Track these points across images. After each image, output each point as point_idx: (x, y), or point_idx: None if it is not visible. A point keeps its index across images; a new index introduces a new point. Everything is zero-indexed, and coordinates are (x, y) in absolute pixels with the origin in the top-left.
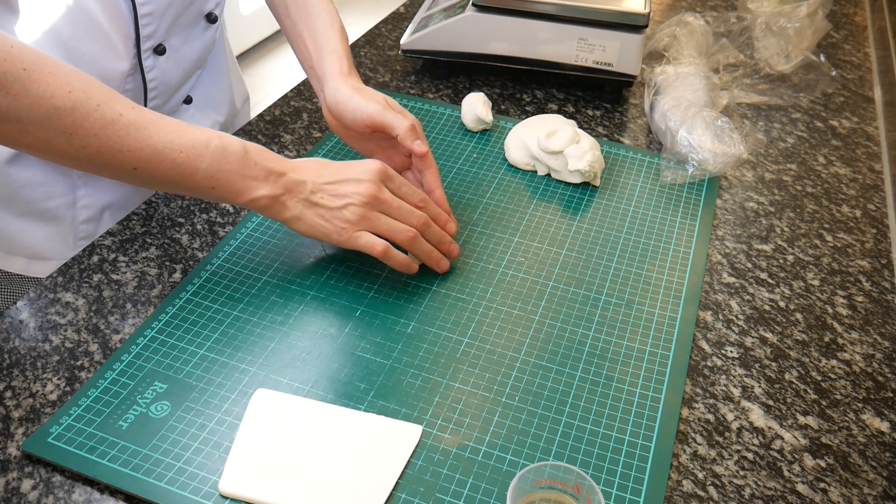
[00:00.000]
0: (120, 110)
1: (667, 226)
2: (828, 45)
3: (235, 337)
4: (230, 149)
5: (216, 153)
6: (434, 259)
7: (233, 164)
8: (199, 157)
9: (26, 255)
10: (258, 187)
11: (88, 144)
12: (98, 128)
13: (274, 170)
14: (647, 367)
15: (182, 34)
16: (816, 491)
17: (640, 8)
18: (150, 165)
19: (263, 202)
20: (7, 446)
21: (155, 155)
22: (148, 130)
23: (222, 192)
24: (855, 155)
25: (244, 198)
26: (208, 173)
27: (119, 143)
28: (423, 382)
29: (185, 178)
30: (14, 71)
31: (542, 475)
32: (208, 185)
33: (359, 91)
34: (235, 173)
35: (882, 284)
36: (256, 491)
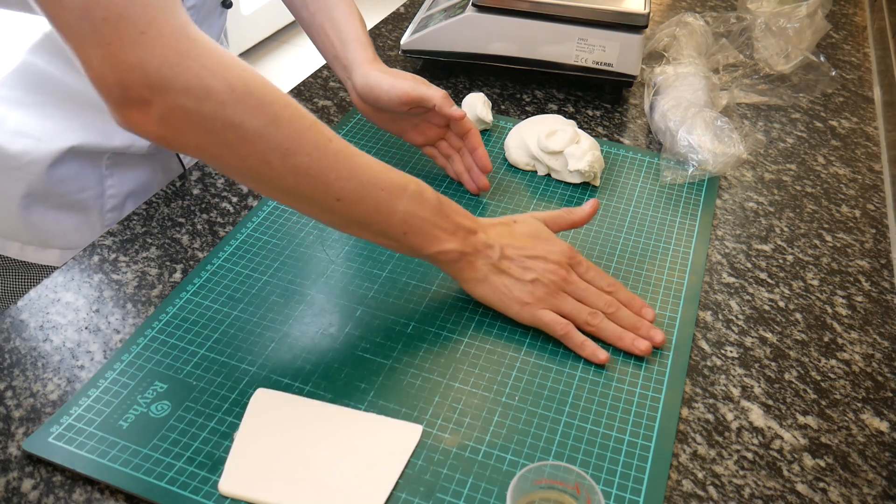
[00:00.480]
0: (329, 136)
1: (667, 226)
2: (827, 45)
3: (235, 337)
4: (426, 195)
5: (413, 197)
6: (625, 342)
7: (427, 212)
8: (398, 198)
9: (59, 246)
10: (448, 240)
11: (300, 165)
12: (311, 148)
13: (464, 225)
14: (647, 367)
15: (208, 20)
16: (816, 491)
17: (640, 8)
18: (354, 199)
19: (452, 256)
20: (7, 446)
21: (360, 188)
22: (354, 160)
23: (413, 238)
24: (854, 155)
25: (433, 248)
26: (404, 217)
27: (328, 168)
28: (423, 382)
29: (383, 219)
30: (237, 71)
31: (542, 475)
32: (402, 229)
33: (389, 73)
34: (428, 221)
35: (881, 284)
36: (256, 491)
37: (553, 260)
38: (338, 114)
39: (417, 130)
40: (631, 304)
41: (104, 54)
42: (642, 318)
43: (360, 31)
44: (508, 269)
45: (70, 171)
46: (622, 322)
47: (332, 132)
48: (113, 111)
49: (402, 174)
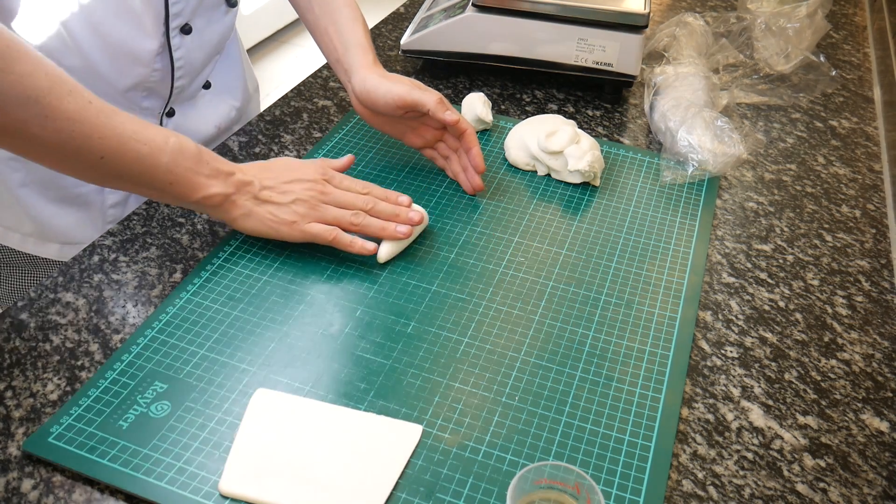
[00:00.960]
0: (89, 98)
1: (667, 226)
2: (827, 45)
3: (235, 337)
4: (186, 146)
5: (174, 149)
6: (389, 231)
7: (189, 162)
8: (161, 151)
9: (59, 240)
10: (211, 185)
11: (62, 129)
12: (72, 111)
13: (223, 170)
14: (647, 367)
15: (205, 16)
16: (816, 491)
17: (640, 8)
18: (117, 155)
19: (216, 200)
20: (7, 446)
21: (122, 144)
22: (115, 119)
23: (179, 188)
24: (854, 155)
25: (198, 194)
26: (168, 168)
27: (90, 128)
28: (423, 382)
29: (147, 171)
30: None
31: (542, 475)
32: (167, 179)
33: (386, 77)
34: (191, 170)
35: (882, 284)
36: (256, 491)
37: (308, 178)
38: (338, 114)
39: (416, 133)
40: (388, 197)
41: None
42: (399, 206)
43: (361, 36)
44: (270, 197)
45: None
46: (382, 215)
47: (91, 94)
48: None
49: (160, 128)
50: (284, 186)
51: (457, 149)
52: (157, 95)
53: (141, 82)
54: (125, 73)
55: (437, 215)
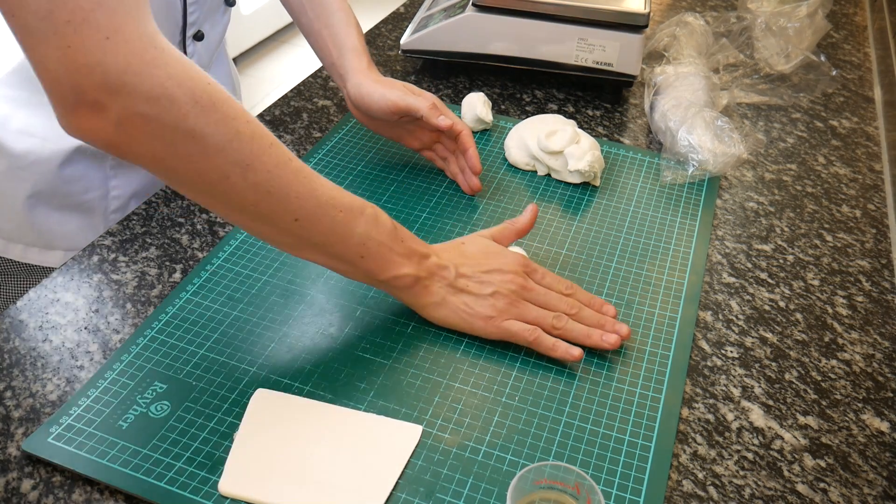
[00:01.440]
0: (289, 155)
1: (667, 226)
2: (828, 45)
3: (235, 337)
4: (381, 219)
5: (370, 220)
6: (594, 339)
7: (383, 236)
8: (356, 220)
9: (63, 247)
10: (403, 264)
11: (261, 182)
12: (272, 165)
13: (418, 250)
14: (647, 367)
15: (211, 19)
16: (816, 491)
17: (640, 8)
18: (312, 218)
19: (407, 281)
20: (7, 446)
21: (318, 208)
22: (313, 181)
23: (369, 263)
24: (855, 155)
25: (389, 273)
26: (361, 240)
27: (288, 187)
28: (423, 382)
29: (340, 240)
30: (202, 83)
31: (542, 475)
32: (358, 252)
33: (380, 82)
34: (385, 246)
35: (882, 284)
36: (256, 491)
37: (509, 270)
38: (338, 114)
39: (413, 136)
40: (592, 303)
41: (62, 56)
42: (605, 315)
43: (355, 40)
44: (466, 286)
45: (75, 172)
46: (586, 321)
47: (291, 153)
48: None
49: (358, 198)
50: (483, 276)
51: (454, 150)
52: None
53: None
54: None
55: (437, 215)
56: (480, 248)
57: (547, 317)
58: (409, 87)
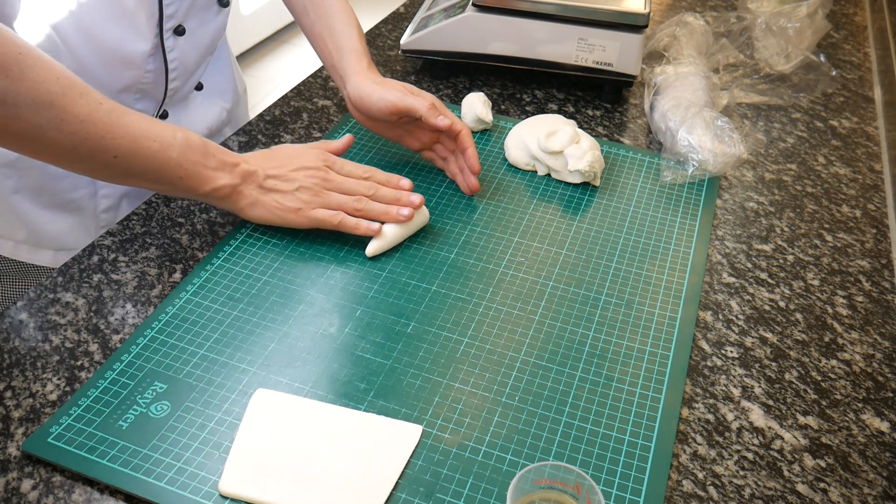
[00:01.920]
0: (99, 99)
1: (667, 226)
2: (828, 45)
3: (235, 337)
4: (192, 140)
5: (182, 144)
6: (391, 215)
7: (196, 156)
8: (170, 146)
9: (52, 247)
10: (218, 177)
11: (76, 131)
12: (84, 114)
13: (228, 161)
14: (647, 367)
15: (198, 17)
16: (816, 491)
17: (640, 8)
18: (129, 154)
19: (224, 191)
20: (7, 446)
21: (133, 143)
22: (125, 118)
23: (188, 181)
24: (855, 155)
25: (207, 187)
26: (178, 163)
27: (103, 129)
28: (423, 382)
29: (158, 168)
30: (11, 54)
31: (542, 475)
32: (177, 174)
33: (379, 84)
34: (199, 164)
35: (882, 284)
36: (256, 491)
37: (311, 165)
38: (338, 114)
39: (413, 136)
40: (388, 182)
41: None
42: (401, 189)
43: (356, 42)
44: (275, 186)
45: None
46: (384, 199)
47: (101, 95)
48: None
49: (168, 125)
50: (288, 174)
51: (453, 150)
52: (151, 97)
53: (133, 84)
54: (117, 76)
55: (437, 215)
56: (285, 150)
57: (348, 201)
58: (408, 87)
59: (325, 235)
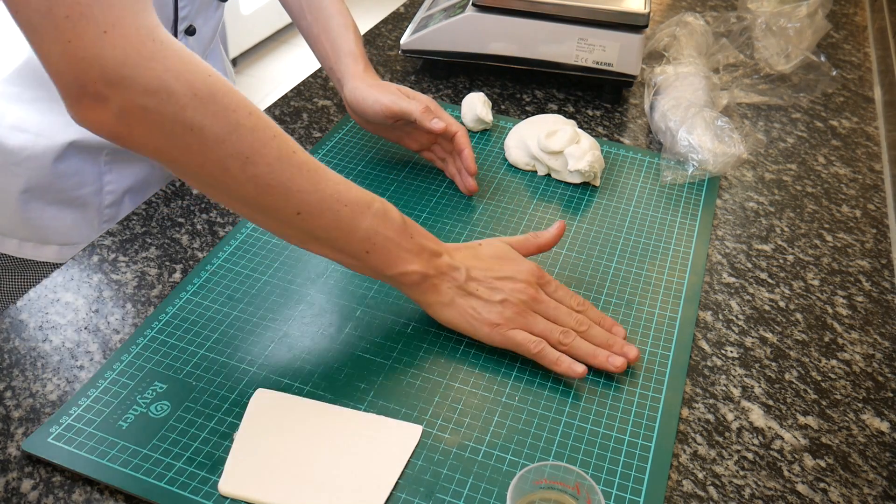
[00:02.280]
0: (293, 147)
1: (667, 226)
2: (828, 45)
3: (235, 337)
4: (390, 214)
5: (377, 215)
6: (600, 360)
7: (391, 232)
8: (362, 215)
9: (58, 242)
10: (412, 261)
11: (261, 174)
12: (274, 158)
13: (429, 247)
14: (646, 367)
15: (203, 15)
16: (816, 491)
17: (640, 8)
18: (315, 213)
19: (415, 278)
20: (7, 446)
21: (322, 202)
22: (318, 174)
23: (375, 258)
24: (855, 155)
25: (395, 269)
26: (367, 235)
27: (290, 180)
28: (423, 382)
29: (344, 235)
30: (201, 74)
31: (542, 475)
32: (364, 248)
33: (375, 87)
34: (392, 241)
35: (882, 284)
36: (256, 491)
37: (521, 279)
38: (338, 114)
39: (411, 138)
40: (602, 322)
41: (62, 51)
42: (614, 336)
43: (353, 44)
44: (476, 290)
45: (69, 167)
46: (594, 340)
47: (297, 145)
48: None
49: (367, 192)
50: (495, 283)
51: (451, 151)
52: None
53: None
54: None
55: (437, 215)
56: (496, 252)
57: (554, 331)
58: (403, 90)
59: None
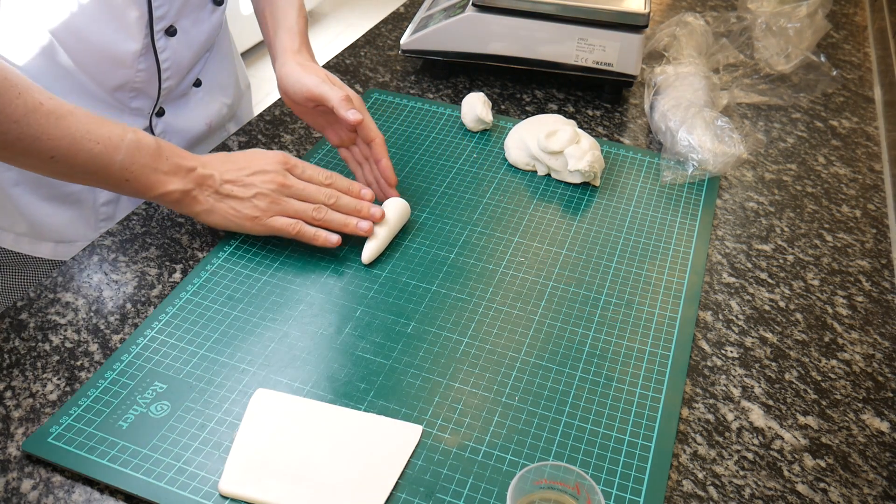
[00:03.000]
0: (40, 99)
1: (667, 226)
2: (828, 45)
3: (235, 337)
4: (144, 142)
5: (131, 146)
6: (350, 227)
7: (146, 158)
8: (115, 148)
9: (53, 239)
10: (169, 182)
11: (8, 131)
12: (19, 115)
13: (183, 165)
14: (647, 367)
15: (191, 16)
16: (816, 491)
17: (640, 8)
18: (68, 154)
19: (174, 196)
20: (7, 446)
21: (73, 144)
22: (66, 120)
23: (135, 185)
24: (855, 155)
25: (156, 192)
26: (123, 166)
27: (39, 130)
28: (423, 382)
29: (101, 170)
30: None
31: (542, 475)
32: (123, 177)
33: (302, 66)
34: (148, 167)
35: (882, 284)
36: (256, 491)
37: (270, 170)
38: None
39: (332, 129)
40: (350, 189)
41: None
42: (362, 200)
43: (293, 21)
44: (231, 191)
45: None
46: (344, 209)
47: (46, 94)
48: None
49: (120, 124)
50: (246, 179)
51: (368, 157)
52: (146, 96)
53: (126, 83)
54: (109, 75)
55: (437, 215)
56: (247, 153)
57: (307, 209)
58: (330, 76)
59: None
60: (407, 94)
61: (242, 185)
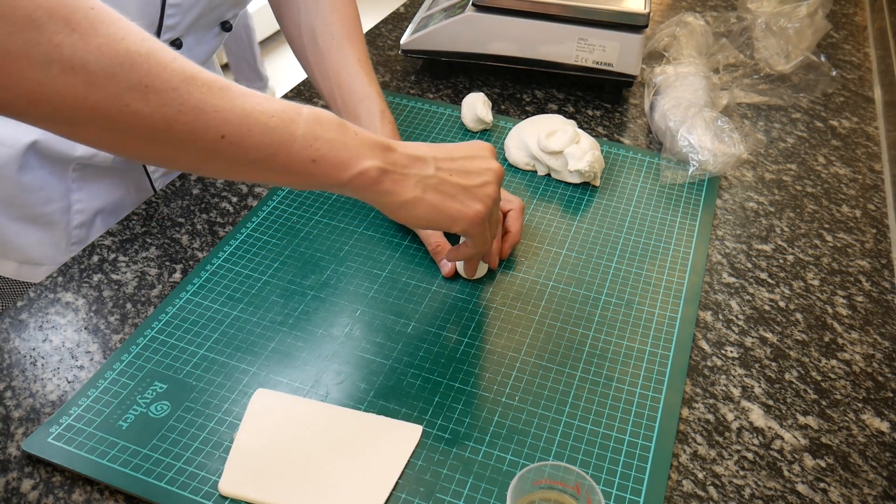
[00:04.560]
0: (197, 67)
1: (667, 226)
2: (828, 45)
3: (235, 337)
4: (323, 116)
5: (309, 119)
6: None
7: (332, 132)
8: (293, 122)
9: (17, 259)
10: (365, 155)
11: (168, 101)
12: (178, 80)
13: (379, 141)
14: (647, 367)
15: (197, 35)
16: (816, 491)
17: (640, 8)
18: (241, 131)
19: (373, 174)
20: (7, 446)
21: (245, 118)
22: (232, 91)
23: (324, 166)
24: (855, 155)
25: (351, 170)
26: (307, 142)
27: (202, 100)
28: (423, 382)
29: (282, 149)
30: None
31: (542, 475)
32: (307, 156)
33: None
34: (338, 141)
35: (882, 284)
36: (256, 491)
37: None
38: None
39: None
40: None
41: None
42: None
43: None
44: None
45: (34, 181)
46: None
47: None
48: None
49: (289, 102)
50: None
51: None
52: None
53: None
54: None
55: None
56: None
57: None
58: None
59: (325, 235)
60: (407, 94)
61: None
